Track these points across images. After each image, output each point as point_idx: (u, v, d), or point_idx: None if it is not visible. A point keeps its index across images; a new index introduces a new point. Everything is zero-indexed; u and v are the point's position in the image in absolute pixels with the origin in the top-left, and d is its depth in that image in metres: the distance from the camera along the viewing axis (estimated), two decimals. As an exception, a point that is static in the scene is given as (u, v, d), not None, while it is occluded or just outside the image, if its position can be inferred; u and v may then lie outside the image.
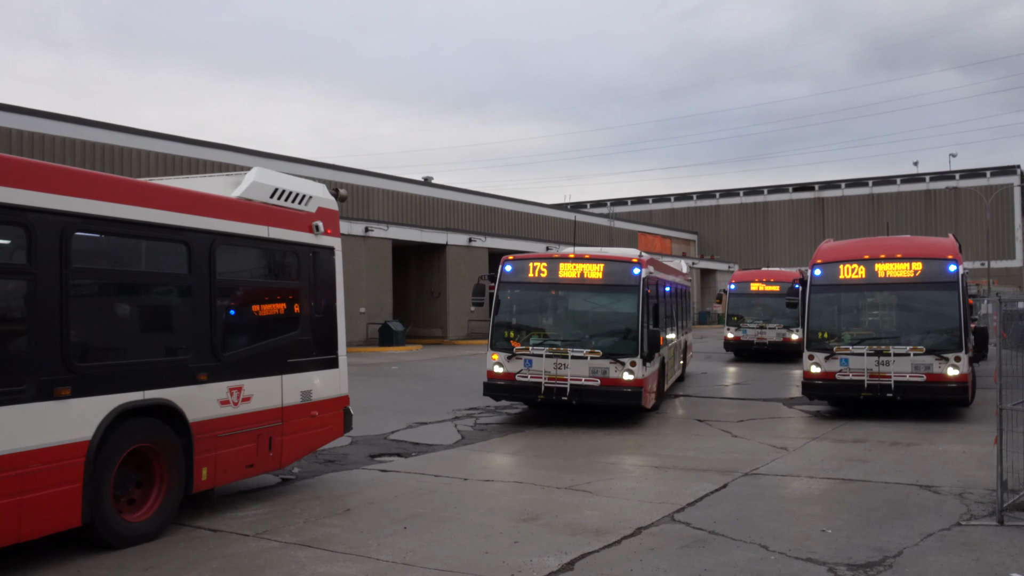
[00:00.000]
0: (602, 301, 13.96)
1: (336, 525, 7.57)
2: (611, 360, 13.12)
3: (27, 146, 32.31)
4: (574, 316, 14.17)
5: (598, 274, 13.73)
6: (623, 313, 13.62)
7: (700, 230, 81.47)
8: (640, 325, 13.26)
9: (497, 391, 13.84)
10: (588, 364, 13.16)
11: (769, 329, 27.76)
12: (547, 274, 13.97)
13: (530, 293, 14.34)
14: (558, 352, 13.27)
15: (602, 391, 13.13)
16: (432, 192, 52.28)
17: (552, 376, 13.27)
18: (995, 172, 69.76)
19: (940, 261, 14.32)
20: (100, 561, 6.51)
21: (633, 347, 13.22)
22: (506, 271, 14.22)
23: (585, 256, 14.05)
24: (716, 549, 6.83)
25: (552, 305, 14.32)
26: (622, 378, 13.08)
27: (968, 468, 10.08)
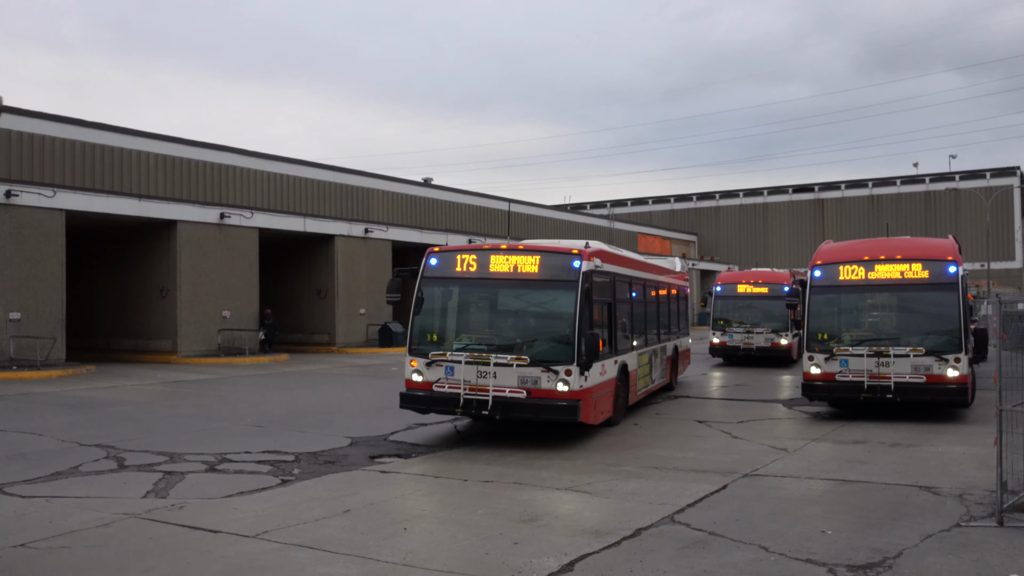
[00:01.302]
0: (536, 299, 12.18)
1: (336, 526, 7.58)
2: (543, 368, 11.33)
3: (27, 148, 32.32)
4: (504, 316, 12.34)
5: (533, 267, 11.95)
6: (559, 313, 11.83)
7: (700, 231, 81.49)
8: (576, 327, 11.42)
9: (414, 403, 12.08)
10: (516, 373, 11.35)
11: (756, 334, 26.20)
12: (476, 268, 12.17)
13: (456, 289, 12.43)
14: (480, 358, 11.51)
15: (530, 404, 11.32)
16: (432, 193, 52.28)
17: (473, 386, 11.49)
18: (995, 173, 69.79)
19: (940, 262, 14.33)
20: (100, 563, 6.52)
21: (568, 353, 11.38)
22: (430, 265, 12.40)
23: (518, 247, 12.32)
24: (716, 550, 6.84)
25: (481, 303, 12.46)
26: (555, 389, 11.27)
27: (968, 469, 10.09)
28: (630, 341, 14.84)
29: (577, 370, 11.34)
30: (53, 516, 7.91)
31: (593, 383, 11.89)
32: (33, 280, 24.32)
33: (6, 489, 9.04)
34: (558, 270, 11.93)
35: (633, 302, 15.38)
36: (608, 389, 12.91)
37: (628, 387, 14.35)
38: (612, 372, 13.19)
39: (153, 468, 10.24)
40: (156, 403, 17.05)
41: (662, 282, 18.66)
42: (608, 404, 12.96)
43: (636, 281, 15.67)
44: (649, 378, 16.32)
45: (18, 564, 6.48)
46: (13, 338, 23.72)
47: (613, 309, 13.58)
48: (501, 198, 57.69)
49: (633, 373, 14.72)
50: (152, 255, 29.21)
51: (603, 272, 12.87)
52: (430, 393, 11.86)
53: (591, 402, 11.84)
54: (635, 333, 15.37)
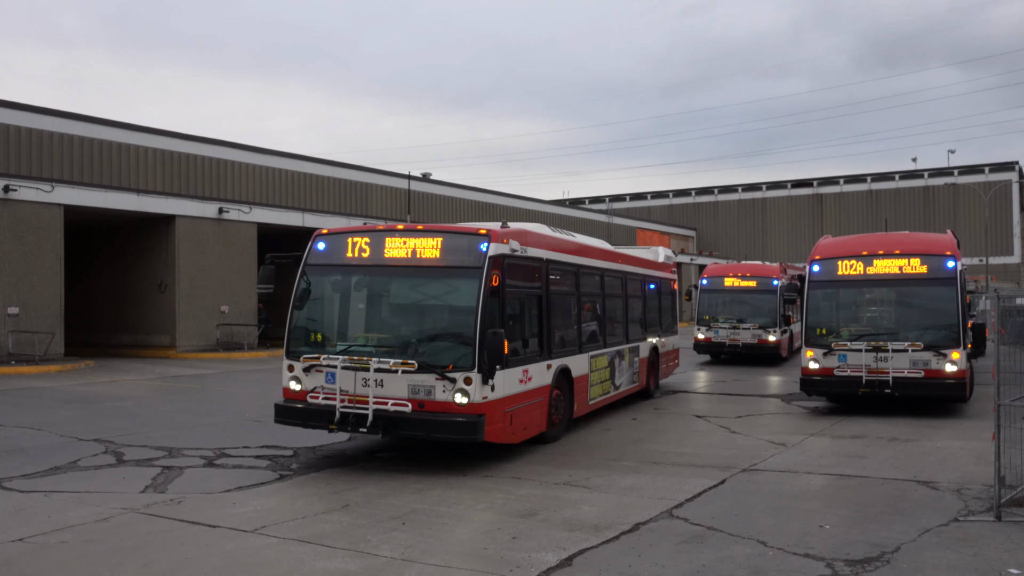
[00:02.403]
0: (435, 289, 10.18)
1: (335, 521, 7.58)
2: (437, 375, 9.36)
3: (25, 142, 32.26)
4: (398, 311, 10.36)
5: (434, 252, 9.94)
6: (459, 307, 9.91)
7: (699, 226, 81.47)
8: (478, 325, 9.42)
9: (289, 417, 10.11)
10: (406, 381, 9.45)
11: (743, 329, 24.75)
12: (369, 253, 10.23)
13: (344, 279, 10.55)
14: (360, 363, 9.62)
15: (419, 420, 9.41)
16: (430, 188, 52.24)
17: (353, 397, 9.61)
18: (993, 168, 69.79)
19: (938, 257, 14.33)
20: (100, 558, 6.52)
21: (468, 357, 9.41)
22: (317, 249, 10.57)
23: (417, 228, 10.28)
24: (714, 545, 6.84)
25: (372, 295, 10.46)
26: (451, 402, 9.33)
27: (966, 464, 10.10)
28: (577, 341, 12.85)
29: (479, 377, 9.32)
30: (52, 511, 7.91)
31: (507, 393, 9.91)
32: (31, 275, 24.29)
33: (4, 484, 9.04)
34: (461, 255, 9.89)
35: (584, 295, 13.44)
36: (537, 399, 10.91)
37: (573, 395, 12.34)
38: (544, 378, 11.18)
39: (151, 463, 10.24)
40: (154, 398, 17.04)
41: (635, 274, 16.66)
42: (537, 417, 10.97)
43: (589, 271, 13.72)
44: (610, 384, 14.24)
45: (16, 559, 6.48)
46: (11, 333, 23.70)
47: (546, 303, 11.47)
48: (502, 193, 57.60)
49: (581, 379, 12.70)
50: (150, 250, 29.17)
51: (528, 258, 10.87)
52: (305, 405, 9.92)
53: (503, 416, 9.83)
54: (587, 332, 13.40)
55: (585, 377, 12.93)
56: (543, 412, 11.19)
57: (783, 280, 25.30)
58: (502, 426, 9.86)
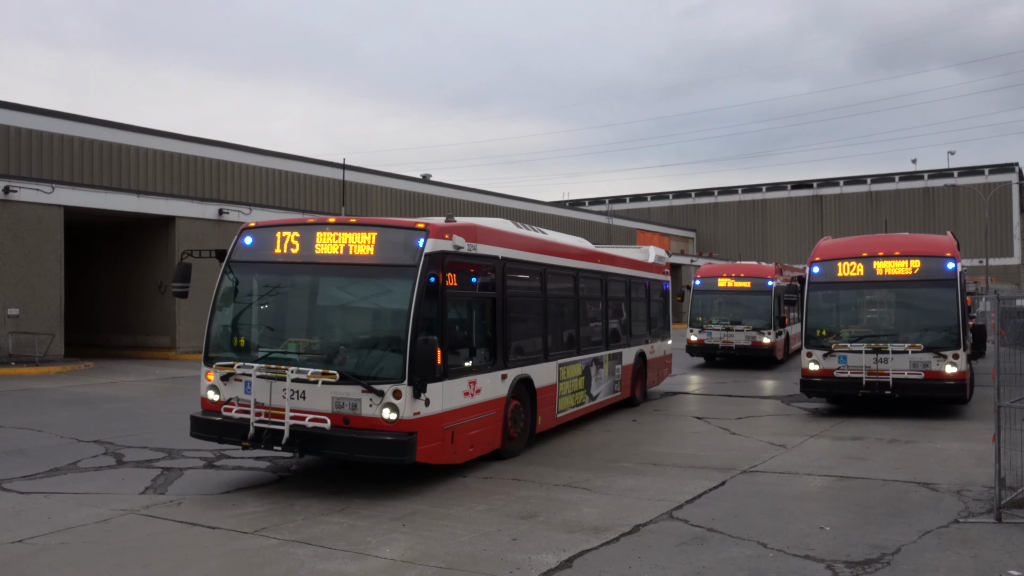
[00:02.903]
0: (366, 290, 9.19)
1: (335, 522, 7.58)
2: (363, 387, 8.30)
3: (25, 143, 32.27)
4: (324, 314, 9.33)
5: (368, 248, 8.90)
6: (389, 309, 8.94)
7: (698, 228, 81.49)
8: (410, 330, 8.31)
9: (205, 431, 9.11)
10: (329, 393, 8.39)
11: (737, 331, 24.16)
12: (299, 248, 9.20)
13: (272, 277, 9.46)
14: (277, 373, 8.59)
15: (340, 439, 8.31)
16: (429, 189, 52.25)
17: (271, 411, 8.56)
18: (993, 170, 69.82)
19: (938, 259, 14.33)
20: (99, 559, 6.52)
21: (398, 366, 8.33)
22: (243, 244, 9.59)
23: (350, 221, 9.26)
24: (714, 546, 6.84)
25: (299, 296, 9.40)
26: (379, 417, 8.24)
27: (966, 465, 10.10)
28: (543, 348, 11.76)
29: (409, 391, 8.26)
30: (52, 512, 7.90)
31: (447, 407, 8.90)
32: (31, 276, 24.30)
33: (5, 485, 9.03)
34: (395, 251, 8.85)
35: (553, 298, 12.34)
36: (487, 413, 9.88)
37: (535, 407, 11.28)
38: (498, 390, 10.16)
39: (151, 464, 10.23)
40: (154, 399, 17.04)
41: (619, 275, 15.41)
42: (488, 433, 9.94)
43: (560, 271, 12.61)
44: (584, 394, 13.17)
45: (16, 560, 6.47)
46: (12, 334, 23.70)
47: (502, 306, 10.42)
48: (501, 194, 57.57)
49: (547, 389, 11.66)
50: (151, 251, 29.18)
51: (479, 256, 9.85)
52: (220, 419, 8.92)
53: (441, 434, 8.80)
54: (556, 338, 12.35)
55: (552, 388, 11.90)
56: (496, 427, 10.15)
57: (778, 281, 24.92)
58: (440, 445, 8.80)
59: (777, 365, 24.83)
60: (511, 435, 10.59)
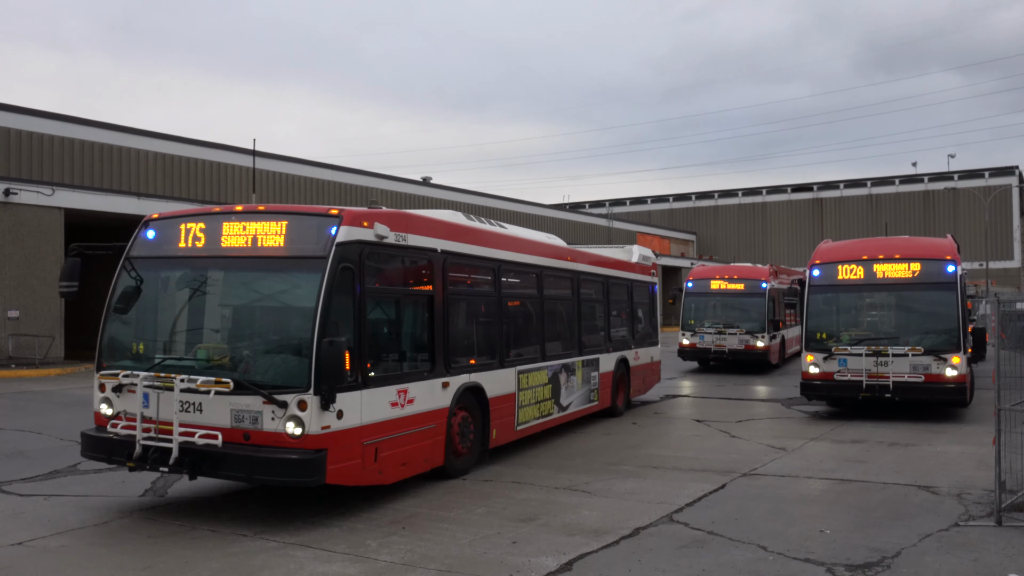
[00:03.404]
0: (273, 287, 8.15)
1: (334, 525, 7.57)
2: (264, 399, 7.29)
3: (26, 146, 32.30)
4: (227, 314, 8.26)
5: (277, 239, 7.85)
6: (297, 309, 7.78)
7: (699, 230, 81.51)
8: (316, 331, 7.27)
9: (93, 449, 8.11)
10: (227, 404, 7.39)
11: (730, 335, 23.51)
12: (204, 242, 8.14)
13: (174, 274, 8.44)
14: (168, 383, 7.56)
15: (236, 457, 7.29)
16: (430, 192, 52.28)
17: (159, 426, 7.60)
18: (993, 173, 69.87)
19: (938, 262, 14.34)
20: (99, 560, 6.52)
21: (303, 374, 7.30)
22: (145, 238, 8.50)
23: (258, 209, 8.18)
24: (715, 549, 6.84)
25: (202, 295, 8.31)
26: (282, 432, 7.24)
27: (966, 469, 10.09)
28: (498, 353, 10.71)
29: (316, 401, 7.24)
30: (51, 515, 7.90)
31: (368, 419, 7.84)
32: (32, 278, 24.31)
33: (4, 487, 9.03)
34: (305, 241, 7.84)
35: (511, 297, 11.38)
36: (423, 426, 8.80)
37: (488, 419, 10.24)
38: (437, 400, 9.11)
39: (151, 467, 10.21)
40: (154, 402, 17.00)
41: (595, 275, 14.35)
42: (425, 448, 8.88)
43: (519, 269, 11.56)
44: (552, 404, 12.11)
45: (16, 562, 6.47)
46: (12, 336, 23.70)
47: (443, 306, 9.34)
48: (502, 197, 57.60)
49: (503, 399, 10.62)
50: (151, 253, 29.13)
51: (410, 248, 8.81)
52: (106, 436, 7.93)
53: (359, 450, 7.73)
54: (514, 342, 11.36)
55: (510, 397, 10.86)
56: (437, 442, 9.11)
57: (772, 283, 24.46)
58: (358, 463, 7.73)
59: (772, 370, 24.41)
60: (457, 450, 9.56)
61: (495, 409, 10.39)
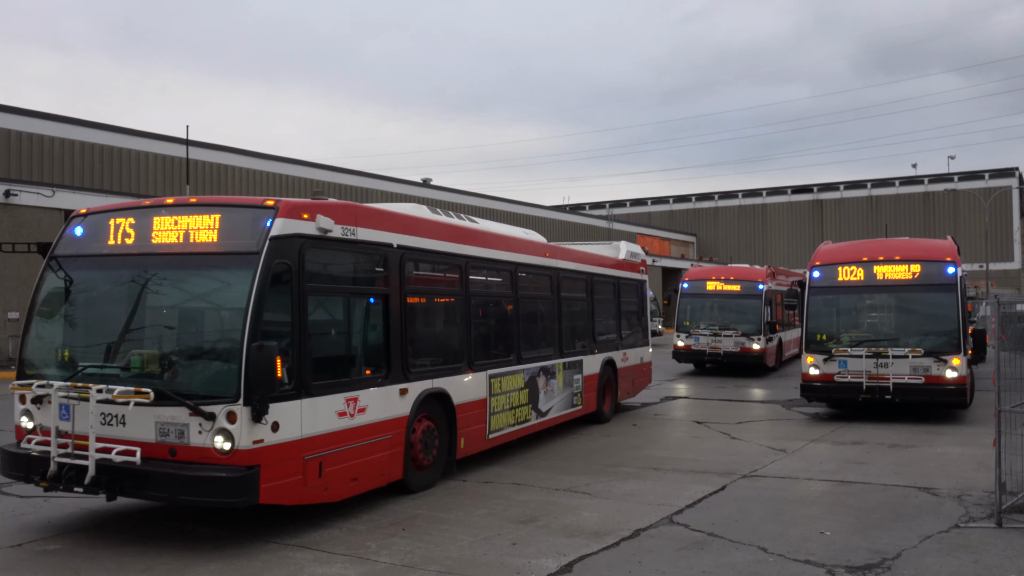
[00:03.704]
0: (205, 286, 7.45)
1: (334, 526, 7.58)
2: (191, 410, 6.62)
3: (26, 147, 32.32)
4: (155, 317, 7.46)
5: (210, 234, 7.22)
6: (228, 310, 7.15)
7: (699, 232, 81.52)
8: (245, 335, 6.63)
9: (10, 467, 7.42)
10: (152, 417, 6.76)
11: (725, 337, 23.11)
12: (134, 238, 7.50)
13: (101, 273, 7.70)
14: (84, 393, 6.88)
15: (158, 476, 6.64)
16: (430, 193, 52.28)
17: (77, 441, 6.91)
18: (993, 174, 69.87)
19: (938, 263, 14.34)
20: (99, 563, 6.51)
21: (231, 382, 6.66)
22: (72, 235, 7.90)
23: (190, 201, 7.49)
24: (715, 551, 6.83)
25: (129, 296, 7.48)
26: (211, 447, 6.60)
27: (967, 470, 10.09)
28: (467, 356, 10.00)
29: (247, 412, 6.59)
30: (51, 516, 7.90)
31: (310, 431, 7.20)
32: (32, 280, 24.04)
33: (3, 489, 9.02)
34: (238, 236, 7.18)
35: (480, 296, 10.71)
36: (378, 437, 8.14)
37: (455, 428, 9.58)
38: (396, 408, 8.44)
39: (151, 468, 10.21)
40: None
41: (577, 272, 13.60)
42: (380, 461, 8.21)
43: (489, 266, 10.87)
44: (529, 409, 11.43)
45: (16, 564, 6.47)
46: (12, 337, 23.71)
47: (400, 305, 8.59)
48: (502, 199, 57.59)
49: (472, 405, 9.93)
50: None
51: (357, 243, 8.06)
52: (17, 453, 7.33)
53: (299, 466, 7.10)
54: (486, 344, 10.77)
55: (480, 403, 10.16)
56: (394, 453, 8.43)
57: (769, 285, 24.17)
58: (298, 480, 7.09)
59: (768, 373, 24.02)
60: (420, 462, 8.91)
61: (463, 417, 9.74)
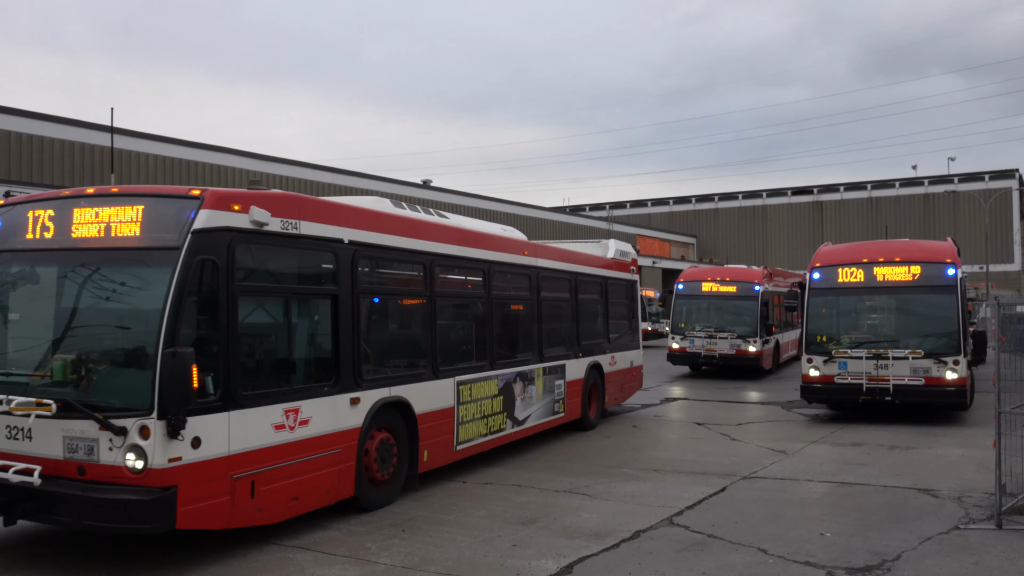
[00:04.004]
0: (124, 285, 6.65)
1: (334, 528, 7.58)
2: (100, 424, 5.96)
3: (26, 148, 32.33)
4: (69, 320, 6.78)
5: (132, 228, 6.54)
6: (145, 312, 6.32)
7: (699, 233, 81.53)
8: (161, 341, 5.96)
9: None
10: (59, 430, 6.11)
11: (720, 339, 22.65)
12: (53, 232, 6.83)
13: (17, 270, 7.05)
14: None
15: (60, 497, 5.99)
16: (430, 195, 52.31)
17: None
18: (993, 176, 69.87)
19: (939, 265, 14.35)
20: (101, 566, 6.52)
21: (145, 392, 5.96)
22: None
23: (111, 191, 6.85)
24: (715, 552, 6.84)
25: (47, 296, 6.98)
26: (123, 465, 5.92)
27: (967, 472, 10.09)
28: (431, 362, 9.19)
29: (162, 426, 5.90)
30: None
31: (242, 447, 6.53)
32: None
33: None
34: (159, 229, 6.51)
35: (446, 297, 9.87)
36: (326, 451, 7.42)
37: (417, 440, 8.76)
38: (345, 419, 7.65)
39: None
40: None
41: (559, 272, 12.79)
42: (327, 479, 7.48)
43: (456, 264, 10.04)
44: (504, 418, 10.67)
45: (17, 566, 6.47)
46: (12, 339, 23.70)
47: (351, 306, 7.83)
48: (502, 200, 57.58)
49: (438, 414, 9.16)
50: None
51: (300, 238, 7.32)
52: None
53: (228, 486, 6.40)
54: (453, 348, 9.94)
55: (447, 412, 9.38)
56: (344, 469, 7.65)
57: (766, 286, 23.68)
58: (224, 502, 6.37)
59: (765, 375, 23.49)
60: (375, 478, 8.15)
61: (426, 427, 8.97)
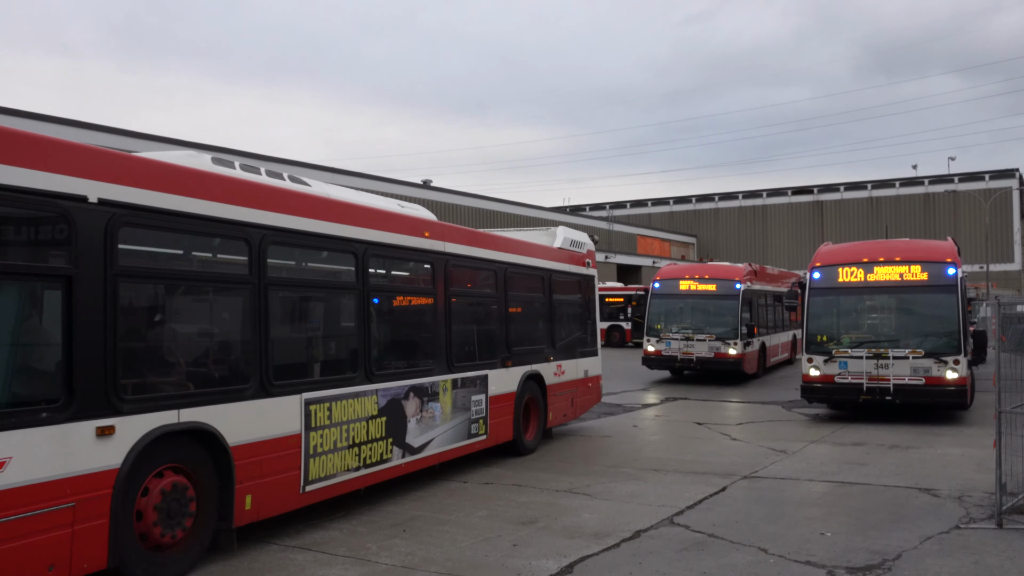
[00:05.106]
0: None
1: (335, 528, 7.58)
2: None
3: (27, 149, 32.31)
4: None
5: None
6: None
7: (699, 233, 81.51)
8: None
9: None
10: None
11: (699, 341, 20.94)
12: None
13: None
14: None
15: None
16: (430, 195, 52.33)
17: None
18: (994, 175, 69.84)
19: (939, 264, 14.35)
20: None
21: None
22: None
23: None
24: (715, 552, 6.84)
25: None
26: None
27: (967, 471, 10.09)
28: (259, 373, 6.85)
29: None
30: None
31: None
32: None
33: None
34: None
35: (288, 286, 7.70)
36: (45, 506, 5.08)
37: (232, 483, 6.48)
38: (91, 458, 5.37)
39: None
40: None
41: (478, 261, 10.56)
42: (46, 550, 5.06)
43: (309, 244, 7.69)
44: (389, 444, 8.39)
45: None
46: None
47: (104, 297, 5.56)
48: (503, 200, 57.54)
49: (270, 445, 6.86)
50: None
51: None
52: None
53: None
54: (299, 355, 7.85)
55: (286, 442, 7.08)
56: (82, 532, 5.29)
57: (749, 284, 22.10)
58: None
59: (746, 380, 21.85)
60: (155, 541, 5.90)
61: (247, 464, 6.64)
